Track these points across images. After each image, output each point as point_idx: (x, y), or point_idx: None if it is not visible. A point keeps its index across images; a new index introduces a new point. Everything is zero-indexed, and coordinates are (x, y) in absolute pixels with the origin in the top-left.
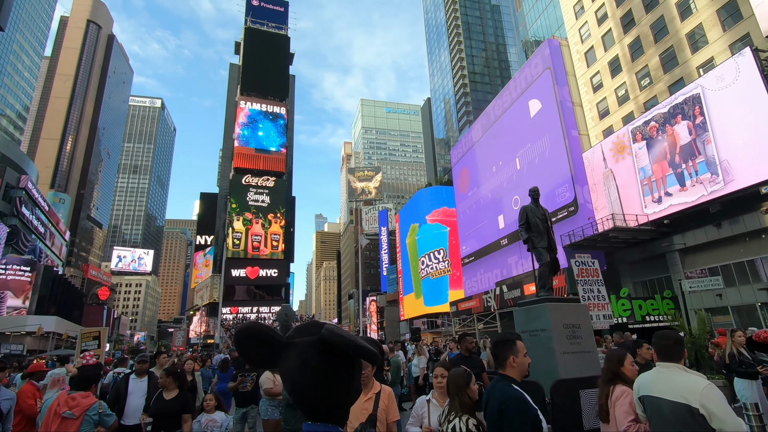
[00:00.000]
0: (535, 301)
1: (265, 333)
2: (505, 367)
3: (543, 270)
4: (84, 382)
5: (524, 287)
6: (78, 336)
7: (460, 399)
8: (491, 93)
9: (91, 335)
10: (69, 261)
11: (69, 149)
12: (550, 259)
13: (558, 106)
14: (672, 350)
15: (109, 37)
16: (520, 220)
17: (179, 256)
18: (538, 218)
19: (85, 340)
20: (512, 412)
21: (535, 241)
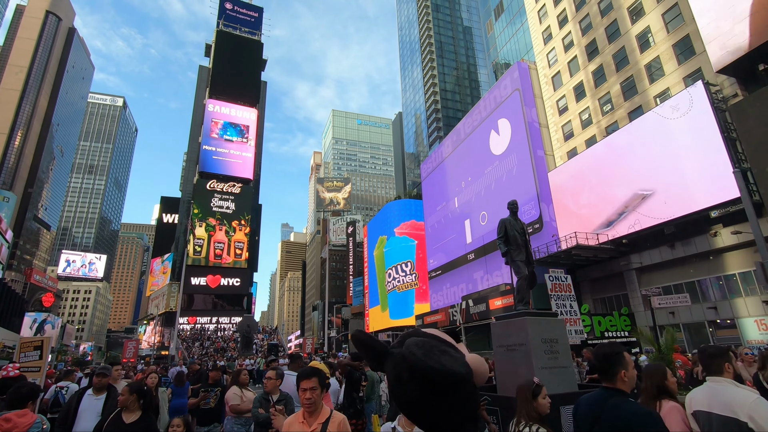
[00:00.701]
0: (514, 314)
1: (365, 341)
2: (615, 381)
3: (521, 283)
4: (18, 399)
5: (489, 302)
6: (17, 345)
7: (527, 411)
8: (461, 111)
9: (32, 345)
10: (10, 264)
11: (17, 144)
12: (528, 273)
13: (526, 126)
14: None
15: (69, 30)
16: (498, 233)
17: (134, 262)
18: (517, 231)
19: (25, 351)
20: (648, 427)
21: (513, 254)
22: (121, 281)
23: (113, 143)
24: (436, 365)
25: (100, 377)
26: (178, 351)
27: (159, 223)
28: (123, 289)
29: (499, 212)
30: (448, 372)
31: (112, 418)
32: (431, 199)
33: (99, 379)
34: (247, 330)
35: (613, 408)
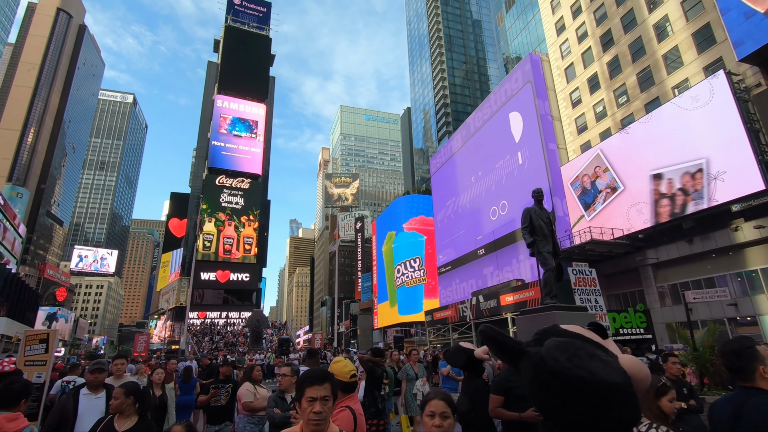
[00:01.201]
0: (541, 308)
1: (496, 338)
2: (755, 379)
3: (548, 276)
4: (9, 398)
5: (500, 297)
6: (22, 338)
7: (650, 409)
8: (471, 105)
9: (38, 338)
10: (24, 259)
11: (30, 141)
12: (555, 264)
13: (538, 119)
14: None
15: (80, 27)
16: (523, 223)
17: (145, 257)
18: (543, 221)
19: (30, 344)
20: None
21: (539, 244)
22: (133, 276)
23: (124, 140)
24: (586, 374)
25: (95, 374)
26: (188, 345)
27: (169, 219)
28: (134, 284)
29: (511, 207)
30: (602, 382)
31: (103, 425)
32: (441, 194)
33: (94, 376)
34: (256, 325)
35: (755, 408)
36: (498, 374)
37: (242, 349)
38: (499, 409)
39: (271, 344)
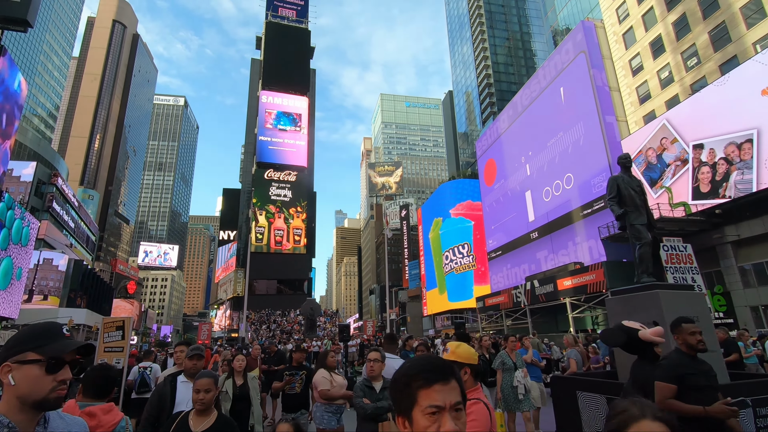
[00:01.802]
0: (639, 288)
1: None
2: None
3: (644, 251)
4: (102, 386)
5: (558, 282)
6: (100, 326)
7: None
8: (516, 84)
9: (114, 325)
10: (98, 256)
11: (97, 147)
12: (651, 238)
13: (594, 91)
14: None
15: (134, 36)
16: (609, 192)
17: (203, 251)
18: (633, 190)
19: (108, 331)
20: None
21: (631, 216)
22: (192, 269)
23: (178, 141)
24: None
25: (194, 360)
26: (247, 334)
27: (222, 214)
28: (194, 277)
29: (567, 186)
30: None
31: (178, 422)
32: (488, 176)
33: (193, 362)
34: (310, 313)
35: None
36: (667, 357)
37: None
38: (672, 401)
39: (325, 331)
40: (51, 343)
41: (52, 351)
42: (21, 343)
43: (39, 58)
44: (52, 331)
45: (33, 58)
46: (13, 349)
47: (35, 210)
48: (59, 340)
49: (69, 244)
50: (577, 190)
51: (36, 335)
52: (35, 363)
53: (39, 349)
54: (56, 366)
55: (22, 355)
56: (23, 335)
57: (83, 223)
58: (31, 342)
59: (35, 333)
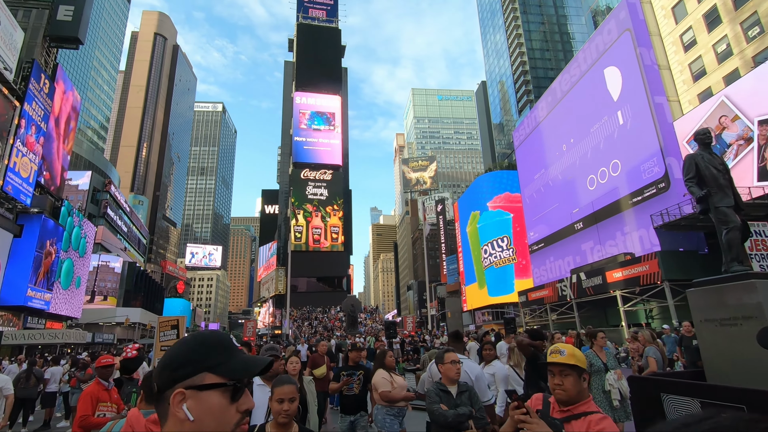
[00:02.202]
0: (730, 277)
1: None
2: None
3: (733, 236)
4: None
5: (606, 274)
6: (156, 326)
7: None
8: (553, 69)
9: (169, 324)
10: (149, 258)
11: (144, 155)
12: (741, 222)
13: (641, 70)
14: None
15: (174, 47)
16: (686, 173)
17: (245, 251)
18: (716, 168)
19: (164, 330)
20: None
21: (715, 198)
22: (236, 269)
23: (218, 146)
24: None
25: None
26: (290, 330)
27: (262, 215)
28: (238, 276)
29: (613, 174)
30: None
31: None
32: (527, 167)
33: (282, 363)
34: (351, 309)
35: None
36: None
37: (339, 333)
38: None
39: (366, 328)
40: (230, 359)
41: (237, 371)
42: (193, 361)
43: (90, 73)
44: (225, 343)
45: (85, 74)
46: (184, 368)
47: (92, 216)
48: (236, 354)
49: (123, 248)
50: (625, 177)
51: (209, 348)
52: (217, 388)
53: (218, 368)
54: (240, 392)
55: (198, 377)
56: (191, 349)
57: (135, 227)
58: (206, 358)
59: (208, 345)
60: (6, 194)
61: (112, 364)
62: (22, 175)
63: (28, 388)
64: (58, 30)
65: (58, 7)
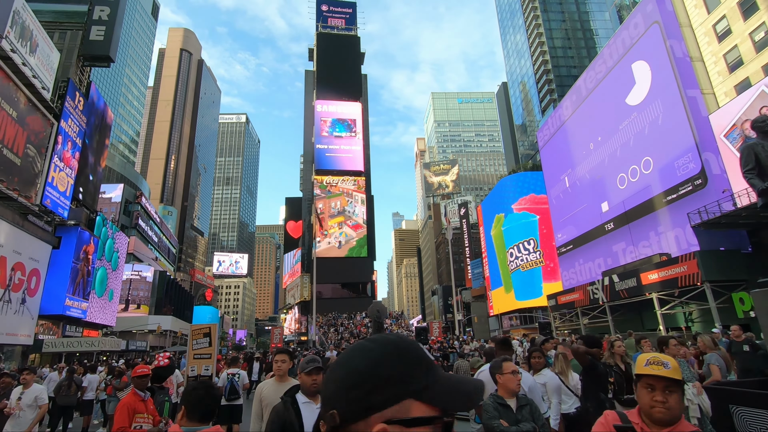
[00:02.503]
0: None
1: None
2: None
3: None
4: (207, 407)
5: (641, 276)
6: (189, 333)
7: None
8: (576, 67)
9: (202, 332)
10: (178, 267)
11: (173, 167)
12: None
13: (672, 63)
14: None
15: (198, 62)
16: (745, 165)
17: (270, 258)
18: None
19: (196, 338)
20: None
21: None
22: (261, 276)
23: (242, 156)
24: None
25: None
26: (316, 337)
27: (286, 223)
28: (263, 283)
29: (645, 171)
30: None
31: None
32: (552, 168)
33: (312, 378)
34: (377, 315)
35: None
36: None
37: None
38: None
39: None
40: (435, 380)
41: (450, 400)
42: (394, 381)
43: (121, 90)
44: (425, 357)
45: (116, 91)
46: (381, 392)
47: (125, 227)
48: (438, 372)
49: (154, 257)
50: (657, 175)
51: (410, 363)
52: (428, 424)
53: (425, 394)
54: (451, 429)
55: (402, 406)
56: (388, 363)
57: (165, 237)
58: (410, 379)
59: (408, 359)
60: (45, 208)
61: (148, 374)
62: (59, 189)
63: (69, 395)
64: (91, 49)
65: (90, 27)
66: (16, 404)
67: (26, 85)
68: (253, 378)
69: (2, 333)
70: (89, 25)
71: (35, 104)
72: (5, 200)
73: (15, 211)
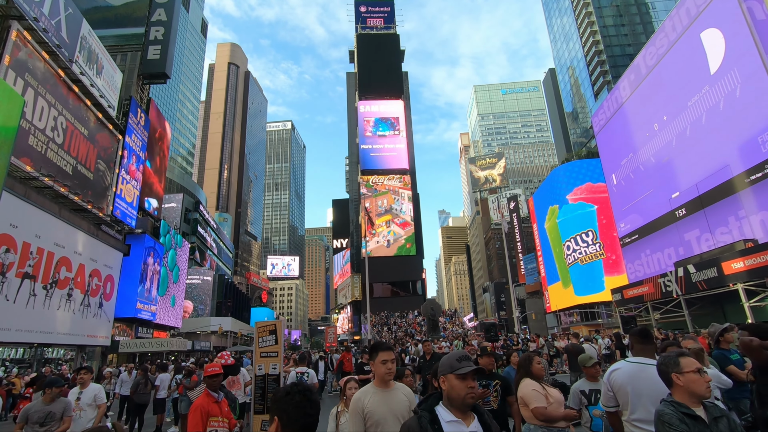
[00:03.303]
0: None
1: None
2: None
3: None
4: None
5: (723, 265)
6: (254, 331)
7: None
8: (631, 45)
9: (267, 330)
10: (235, 270)
11: (226, 176)
12: None
13: (750, 27)
14: None
15: (245, 74)
16: None
17: (319, 260)
18: None
19: (262, 335)
20: None
21: None
22: (312, 278)
23: (290, 162)
24: None
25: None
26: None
27: (334, 225)
28: (314, 284)
29: (718, 151)
30: None
31: None
32: (611, 153)
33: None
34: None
35: None
36: None
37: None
38: None
39: (447, 332)
40: None
41: None
42: None
43: (177, 106)
44: None
45: (172, 107)
46: None
47: (185, 234)
48: None
49: (213, 262)
50: (737, 153)
51: None
52: None
53: None
54: None
55: None
56: None
57: (222, 243)
58: None
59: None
60: (115, 218)
61: (221, 373)
62: (127, 200)
63: (146, 393)
64: (149, 68)
65: (147, 47)
66: (75, 404)
67: (94, 105)
68: (320, 377)
69: (84, 335)
70: (146, 45)
71: (103, 122)
72: (81, 212)
73: (90, 222)
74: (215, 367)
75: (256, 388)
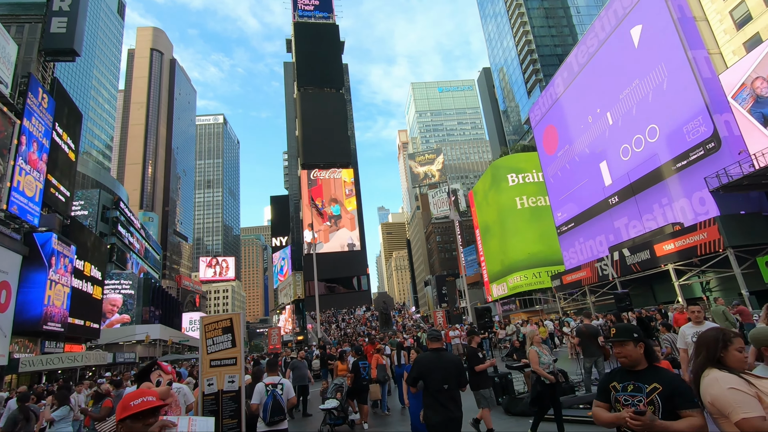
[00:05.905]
0: None
1: None
2: None
3: None
4: None
5: (655, 247)
6: (201, 330)
7: None
8: (560, 45)
9: (220, 327)
10: (164, 274)
11: (151, 172)
12: None
13: (675, 24)
14: None
15: (171, 61)
16: None
17: (257, 260)
18: None
19: (212, 336)
20: None
21: None
22: (249, 279)
23: (222, 158)
24: None
25: None
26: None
27: (273, 222)
28: (252, 286)
29: (650, 140)
30: None
31: None
32: (548, 146)
33: None
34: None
35: None
36: None
37: (375, 334)
38: None
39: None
40: None
41: None
42: None
43: (90, 93)
44: None
45: (85, 94)
46: None
47: (103, 234)
48: None
49: (137, 265)
50: (664, 142)
51: None
52: None
53: None
54: None
55: None
56: None
57: (148, 244)
58: None
59: None
60: (12, 214)
61: (158, 408)
62: (27, 194)
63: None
64: (53, 43)
65: (51, 19)
66: None
67: None
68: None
69: None
70: (49, 16)
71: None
72: None
73: None
74: (146, 396)
75: (204, 412)
